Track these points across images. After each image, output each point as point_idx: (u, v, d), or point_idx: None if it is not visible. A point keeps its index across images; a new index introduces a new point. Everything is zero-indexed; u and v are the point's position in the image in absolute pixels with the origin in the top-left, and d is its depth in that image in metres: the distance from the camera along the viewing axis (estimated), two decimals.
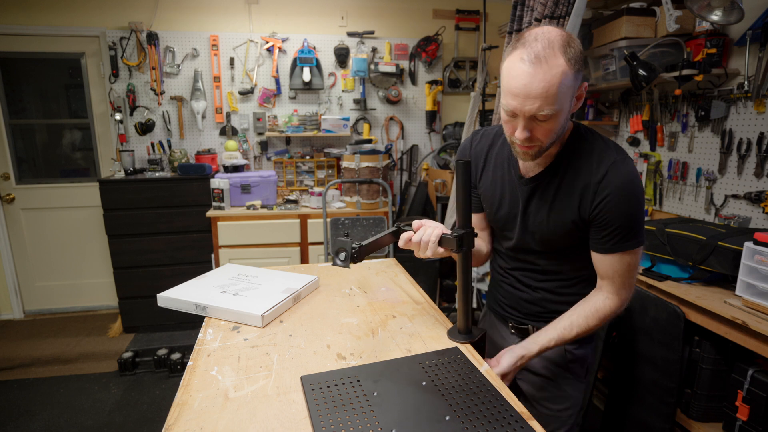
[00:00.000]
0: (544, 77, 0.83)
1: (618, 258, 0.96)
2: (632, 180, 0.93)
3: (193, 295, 1.20)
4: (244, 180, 3.03)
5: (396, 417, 0.75)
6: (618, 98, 2.64)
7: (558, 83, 0.84)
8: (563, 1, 2.10)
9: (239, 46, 3.28)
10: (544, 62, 0.83)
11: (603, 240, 0.96)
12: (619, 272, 0.97)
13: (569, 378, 1.15)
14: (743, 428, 1.38)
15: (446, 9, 3.51)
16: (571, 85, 0.87)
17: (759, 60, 1.79)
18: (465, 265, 1.01)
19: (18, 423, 2.27)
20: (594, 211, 0.95)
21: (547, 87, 0.83)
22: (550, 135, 0.91)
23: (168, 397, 2.48)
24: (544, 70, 0.83)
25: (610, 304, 0.99)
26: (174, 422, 0.75)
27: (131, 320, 3.13)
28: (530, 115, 0.87)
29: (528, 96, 0.85)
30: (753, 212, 1.87)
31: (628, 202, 0.93)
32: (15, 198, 3.28)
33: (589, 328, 1.00)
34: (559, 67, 0.83)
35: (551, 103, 0.85)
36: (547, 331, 1.03)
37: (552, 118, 0.88)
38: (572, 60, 0.85)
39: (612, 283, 0.99)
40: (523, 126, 0.89)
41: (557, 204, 1.01)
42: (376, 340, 1.04)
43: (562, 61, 0.84)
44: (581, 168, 0.97)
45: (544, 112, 0.86)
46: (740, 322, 1.31)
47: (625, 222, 0.93)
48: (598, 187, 0.94)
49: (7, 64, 3.16)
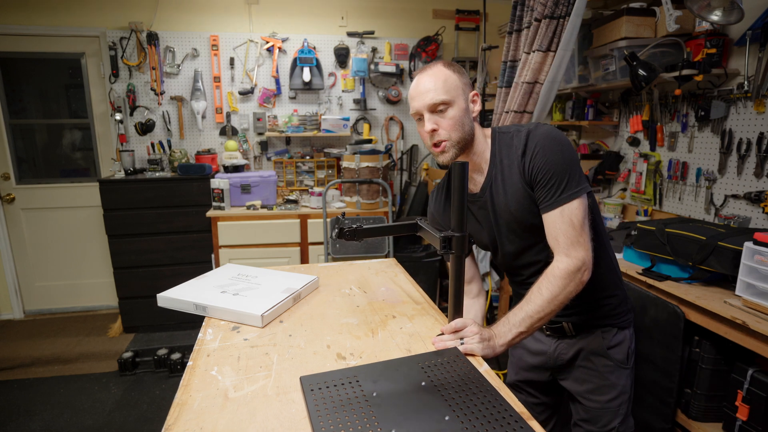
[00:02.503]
0: (432, 76, 1.04)
1: (558, 214, 0.98)
2: (551, 131, 1.02)
3: (193, 295, 1.20)
4: (244, 180, 3.03)
5: (395, 417, 0.75)
6: (618, 98, 2.64)
7: (443, 79, 1.03)
8: (563, 1, 2.10)
9: (239, 46, 3.28)
10: (429, 69, 1.06)
11: (541, 199, 1.01)
12: (562, 230, 0.98)
13: (611, 365, 1.14)
14: (743, 428, 1.38)
15: (446, 9, 3.51)
16: (458, 85, 1.05)
17: (759, 60, 1.79)
18: (456, 270, 0.99)
19: (18, 423, 2.27)
20: (530, 168, 1.02)
21: (434, 81, 1.03)
22: (454, 126, 1.04)
23: (168, 397, 2.48)
24: (430, 73, 1.05)
25: (560, 266, 0.97)
26: (174, 422, 0.75)
27: (131, 320, 3.13)
28: (430, 107, 1.03)
29: (421, 92, 1.04)
30: (753, 212, 1.87)
31: (553, 148, 0.99)
32: (15, 198, 3.28)
33: (552, 296, 0.96)
34: (441, 71, 1.05)
35: (441, 93, 1.02)
36: (515, 313, 1.00)
37: (449, 108, 1.03)
38: (455, 71, 1.06)
39: (558, 243, 0.99)
40: (427, 119, 1.04)
41: (509, 190, 1.07)
42: (376, 340, 1.04)
43: (444, 68, 1.06)
44: (510, 151, 1.07)
45: (438, 98, 1.02)
46: (740, 322, 1.31)
47: (555, 169, 0.98)
48: (524, 155, 1.03)
49: (8, 64, 3.16)
